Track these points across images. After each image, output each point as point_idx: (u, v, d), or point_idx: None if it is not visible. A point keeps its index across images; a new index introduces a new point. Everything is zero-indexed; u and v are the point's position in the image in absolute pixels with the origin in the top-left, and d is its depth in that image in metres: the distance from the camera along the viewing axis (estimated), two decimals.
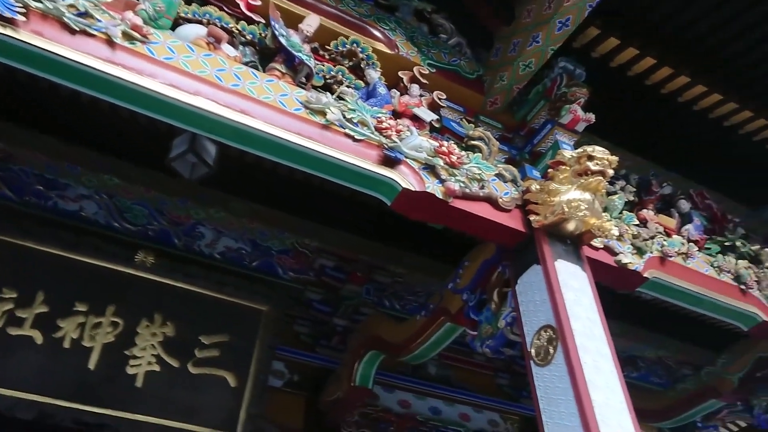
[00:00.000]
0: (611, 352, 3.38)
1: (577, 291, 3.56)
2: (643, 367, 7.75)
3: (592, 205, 3.67)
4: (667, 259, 4.40)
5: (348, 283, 6.24)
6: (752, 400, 5.50)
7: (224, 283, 5.49)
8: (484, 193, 3.77)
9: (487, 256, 4.23)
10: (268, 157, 3.50)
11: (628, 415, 3.15)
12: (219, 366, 5.29)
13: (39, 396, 4.60)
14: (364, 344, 5.40)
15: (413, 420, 6.32)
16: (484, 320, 4.14)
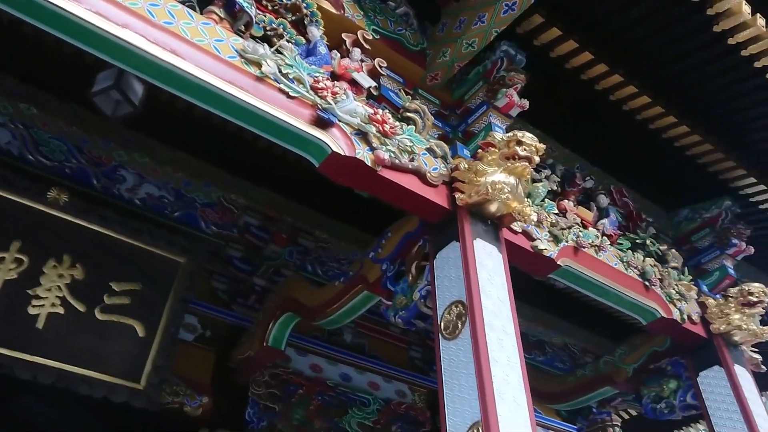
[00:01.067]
0: (515, 331, 3.49)
1: (491, 271, 3.65)
2: (549, 352, 8.09)
3: (516, 190, 3.76)
4: (581, 249, 4.57)
5: (271, 243, 6.18)
6: (642, 390, 5.84)
7: (141, 231, 5.28)
8: (413, 165, 3.79)
9: (410, 229, 4.27)
10: (198, 103, 3.38)
11: (524, 392, 3.27)
12: (128, 314, 5.12)
13: None
14: (280, 305, 5.37)
15: (323, 384, 6.37)
16: (400, 291, 4.20)
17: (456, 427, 3.17)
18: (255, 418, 5.79)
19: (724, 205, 5.52)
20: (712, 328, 5.23)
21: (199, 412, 5.43)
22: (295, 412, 6.04)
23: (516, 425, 3.10)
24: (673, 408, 5.54)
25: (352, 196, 5.80)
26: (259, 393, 5.92)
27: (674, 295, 5.13)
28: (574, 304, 7.18)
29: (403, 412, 6.76)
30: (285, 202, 6.40)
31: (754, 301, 5.11)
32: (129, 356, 5.05)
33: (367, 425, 6.44)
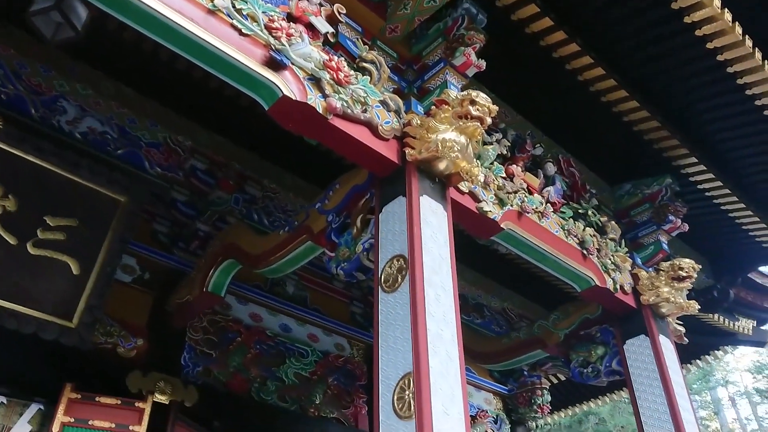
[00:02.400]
0: (454, 288, 3.54)
1: (434, 228, 3.67)
2: (488, 315, 8.30)
3: (465, 149, 3.77)
4: (525, 214, 4.65)
5: (217, 189, 6.07)
6: (571, 354, 6.07)
7: (80, 165, 5.07)
8: (365, 117, 3.75)
9: (358, 182, 4.24)
10: (145, 32, 3.22)
11: (456, 347, 3.34)
12: (62, 251, 4.95)
13: None
14: (222, 252, 5.30)
15: (262, 334, 6.37)
16: (344, 244, 4.19)
17: (388, 377, 3.22)
18: (191, 362, 5.76)
19: (665, 182, 5.69)
20: (642, 299, 5.45)
21: (132, 354, 5.37)
22: (232, 359, 6.04)
23: (446, 378, 3.17)
24: (599, 373, 5.79)
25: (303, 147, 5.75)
26: (197, 338, 5.89)
27: (609, 266, 5.30)
28: (514, 270, 7.38)
29: (340, 365, 6.85)
30: (234, 148, 6.28)
31: (684, 275, 5.33)
32: (61, 293, 4.90)
33: (304, 376, 6.51)
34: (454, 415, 3.09)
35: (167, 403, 5.20)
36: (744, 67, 4.44)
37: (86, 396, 4.84)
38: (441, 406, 3.04)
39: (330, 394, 6.64)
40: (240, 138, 6.18)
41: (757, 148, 5.39)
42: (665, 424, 4.99)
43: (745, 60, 4.38)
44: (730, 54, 4.35)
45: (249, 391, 6.05)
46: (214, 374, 5.88)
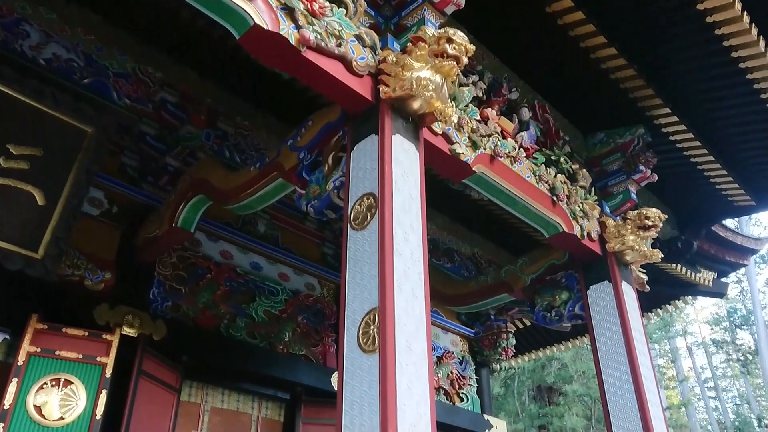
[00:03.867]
0: (422, 228, 3.56)
1: (405, 167, 3.66)
2: (458, 260, 8.42)
3: (440, 89, 3.72)
4: (497, 158, 4.65)
5: (188, 124, 5.96)
6: (536, 298, 6.21)
7: (44, 93, 4.90)
8: (340, 51, 3.66)
9: (331, 119, 4.18)
10: None
11: (423, 286, 3.38)
12: (27, 180, 4.83)
13: None
14: (191, 187, 5.22)
15: (232, 271, 6.38)
16: (314, 181, 4.16)
17: (354, 312, 3.26)
18: (159, 297, 5.76)
19: (638, 132, 5.73)
20: (608, 246, 5.56)
21: (100, 287, 5.34)
22: (202, 295, 6.05)
23: (411, 316, 3.22)
24: (562, 317, 5.95)
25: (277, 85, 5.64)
26: (165, 274, 5.87)
27: (578, 213, 5.37)
28: (485, 217, 7.46)
29: (310, 305, 6.93)
30: (206, 83, 6.13)
31: (649, 224, 5.44)
32: (26, 224, 4.81)
33: (274, 314, 6.57)
34: (417, 350, 3.16)
35: (135, 336, 5.22)
36: (723, 17, 4.42)
37: (53, 327, 4.83)
38: (405, 341, 3.10)
39: (299, 332, 6.73)
40: (212, 73, 6.02)
41: (730, 101, 5.43)
42: (622, 366, 5.17)
43: (724, 10, 4.36)
44: (710, 3, 4.32)
45: (218, 327, 6.09)
46: (183, 310, 5.89)
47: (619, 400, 5.07)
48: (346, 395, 3.10)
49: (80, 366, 4.83)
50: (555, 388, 21.07)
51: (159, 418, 5.31)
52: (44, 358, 4.72)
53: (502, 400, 20.98)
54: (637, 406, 4.93)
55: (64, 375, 4.74)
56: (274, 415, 6.39)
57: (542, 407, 20.91)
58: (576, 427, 19.76)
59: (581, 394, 20.33)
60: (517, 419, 20.35)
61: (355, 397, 3.05)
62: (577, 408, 20.42)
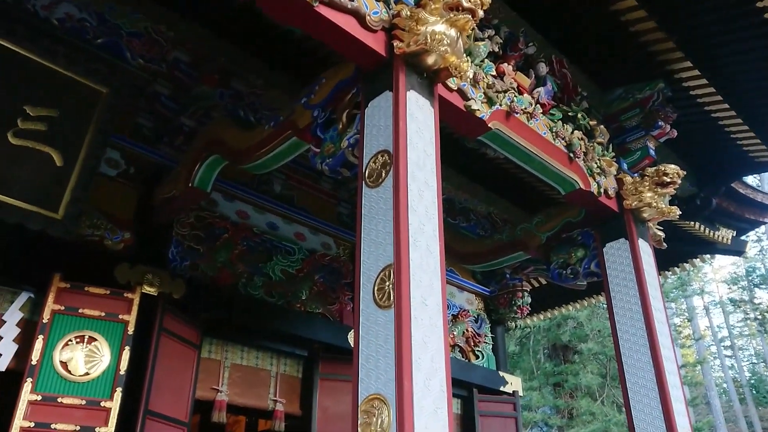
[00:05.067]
0: (437, 184, 3.56)
1: (420, 124, 3.63)
2: (473, 219, 8.41)
3: (455, 43, 3.66)
4: (513, 114, 4.60)
5: (201, 83, 5.92)
6: (552, 256, 6.21)
7: (57, 53, 4.90)
8: (353, 6, 3.61)
9: (344, 76, 4.15)
10: None
11: (437, 241, 3.40)
12: (44, 142, 4.87)
13: None
14: (207, 147, 5.24)
15: (249, 231, 6.44)
16: (329, 139, 4.15)
17: (369, 269, 3.29)
18: (178, 257, 5.84)
19: (658, 87, 5.61)
20: (625, 203, 5.52)
21: (120, 247, 5.42)
22: (219, 254, 6.12)
23: (426, 272, 3.25)
24: (577, 274, 5.96)
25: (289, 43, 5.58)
26: (183, 233, 5.93)
27: (595, 169, 5.32)
28: (501, 175, 7.42)
29: (326, 263, 6.98)
30: (219, 41, 6.06)
31: (668, 181, 5.38)
32: (46, 185, 4.87)
33: (291, 273, 6.64)
34: (432, 305, 3.19)
35: (156, 294, 5.32)
36: None
37: (75, 285, 4.94)
38: (420, 296, 3.14)
39: (316, 291, 6.81)
40: (225, 31, 5.94)
41: (753, 54, 5.28)
42: (637, 323, 5.19)
43: None
44: None
45: (236, 285, 6.18)
46: (201, 268, 5.98)
47: (634, 356, 5.10)
48: (362, 349, 3.16)
49: (103, 323, 4.95)
50: (570, 347, 21.23)
51: (181, 374, 5.45)
52: (68, 316, 4.84)
53: (517, 359, 21.21)
54: (652, 362, 4.96)
55: (87, 332, 4.86)
56: (293, 372, 6.52)
57: (557, 365, 21.13)
58: (591, 385, 19.98)
59: (596, 352, 20.48)
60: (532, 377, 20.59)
61: (371, 351, 3.10)
62: (592, 366, 20.60)
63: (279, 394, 6.27)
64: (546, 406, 20.42)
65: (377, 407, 2.93)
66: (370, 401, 2.97)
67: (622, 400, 7.75)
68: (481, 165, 7.16)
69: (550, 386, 20.85)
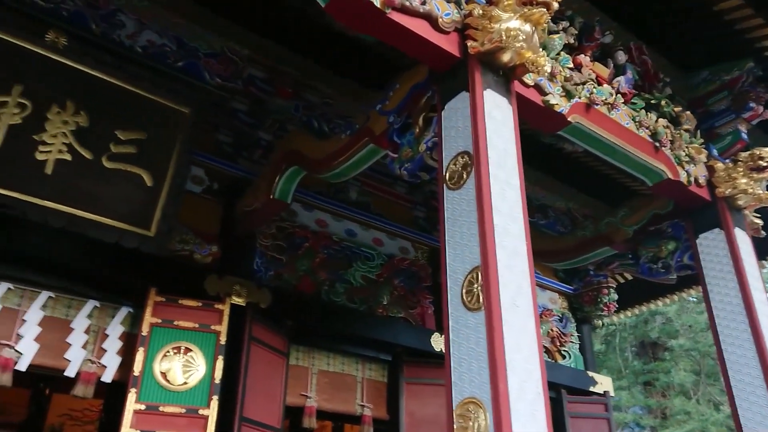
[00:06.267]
0: (520, 183, 3.49)
1: (498, 122, 3.58)
2: (552, 216, 8.22)
3: (531, 38, 3.59)
4: (593, 106, 4.45)
5: (276, 97, 6.08)
6: (640, 250, 5.97)
7: (142, 78, 5.16)
8: (425, 9, 3.60)
9: (418, 80, 4.14)
10: None
11: (524, 242, 3.33)
12: (135, 163, 5.14)
13: None
14: (285, 159, 5.36)
15: (328, 239, 6.55)
16: (406, 144, 4.16)
17: (456, 272, 3.26)
18: (262, 267, 6.00)
19: (747, 67, 5.30)
20: (718, 191, 5.23)
21: (208, 260, 5.62)
22: (301, 263, 6.26)
23: (514, 272, 3.19)
24: (669, 268, 5.70)
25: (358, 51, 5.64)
26: (266, 244, 6.10)
27: (683, 158, 5.07)
28: (578, 169, 7.21)
29: (405, 267, 7.00)
30: (289, 54, 6.21)
31: (764, 165, 5.06)
32: (138, 204, 5.13)
33: (371, 278, 6.70)
34: (523, 306, 3.13)
35: (244, 305, 5.49)
36: None
37: (170, 299, 5.18)
38: (509, 298, 3.08)
39: (396, 295, 6.83)
40: (296, 45, 6.09)
41: None
42: (738, 317, 4.90)
43: None
44: None
45: (319, 293, 6.29)
46: (285, 278, 6.12)
47: (737, 351, 4.83)
48: (453, 353, 3.13)
49: (197, 334, 5.15)
50: (659, 344, 20.32)
51: (271, 381, 5.59)
52: (165, 328, 5.07)
53: (603, 357, 20.49)
54: (758, 358, 4.67)
55: (183, 343, 5.08)
56: (378, 376, 6.56)
57: (646, 363, 20.27)
58: (684, 383, 19.03)
59: (688, 349, 19.50)
60: (620, 376, 19.82)
61: (462, 355, 3.07)
62: (685, 363, 19.63)
63: (366, 398, 6.32)
64: (636, 406, 19.63)
65: (473, 411, 2.89)
66: (465, 405, 2.94)
67: (719, 399, 7.38)
68: (558, 160, 6.98)
69: (640, 385, 20.02)
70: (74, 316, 5.00)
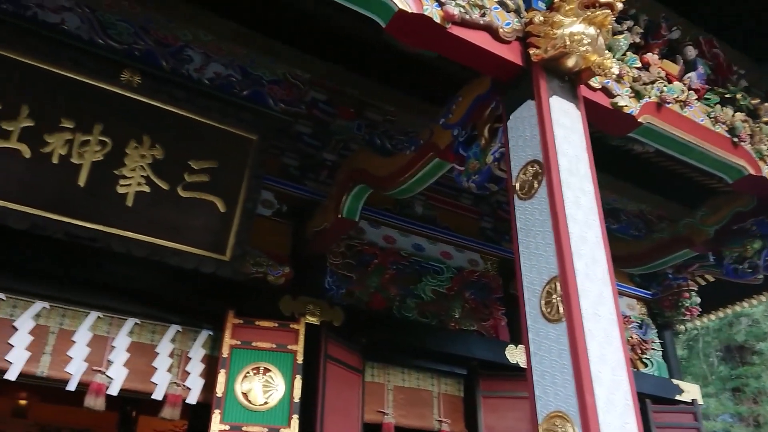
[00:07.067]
0: (594, 190, 3.42)
1: (567, 129, 3.52)
2: (624, 220, 7.96)
3: (596, 41, 3.52)
4: (664, 105, 4.31)
5: (338, 117, 6.17)
6: (724, 251, 5.70)
7: (211, 109, 5.37)
8: (485, 21, 3.59)
9: (481, 91, 4.13)
10: None
11: (602, 249, 3.25)
12: (208, 191, 5.34)
13: (30, 208, 4.65)
14: (350, 177, 5.43)
15: (397, 255, 6.57)
16: (472, 156, 4.14)
17: (532, 283, 3.21)
18: (334, 286, 6.09)
19: None
20: None
21: (282, 281, 5.75)
22: (371, 280, 6.30)
23: (593, 281, 3.11)
24: (757, 268, 5.41)
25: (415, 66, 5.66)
26: (336, 263, 6.19)
27: (765, 152, 4.82)
28: (649, 170, 6.95)
29: (475, 279, 6.94)
30: (348, 75, 6.29)
31: None
32: (214, 230, 5.32)
33: (441, 292, 6.68)
34: (605, 315, 3.04)
35: (318, 323, 5.58)
36: None
37: (247, 320, 5.32)
38: (590, 307, 3.00)
39: (468, 308, 6.78)
40: (355, 65, 6.17)
41: None
42: None
43: None
44: None
45: (390, 309, 6.32)
46: (356, 295, 6.18)
47: None
48: (535, 366, 3.07)
49: (275, 354, 5.26)
50: (747, 347, 19.24)
51: (348, 399, 5.64)
52: (244, 350, 5.21)
53: (686, 363, 19.57)
54: None
55: (262, 363, 5.20)
56: (454, 391, 6.51)
57: (734, 368, 19.23)
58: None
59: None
60: (706, 383, 18.87)
61: (545, 368, 3.01)
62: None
63: (443, 414, 6.28)
64: (726, 414, 18.63)
65: (560, 425, 2.82)
66: (551, 419, 2.88)
67: None
68: (628, 161, 6.76)
69: (729, 392, 19.00)
70: (158, 340, 5.21)
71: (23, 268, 4.84)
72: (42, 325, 4.85)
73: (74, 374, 4.77)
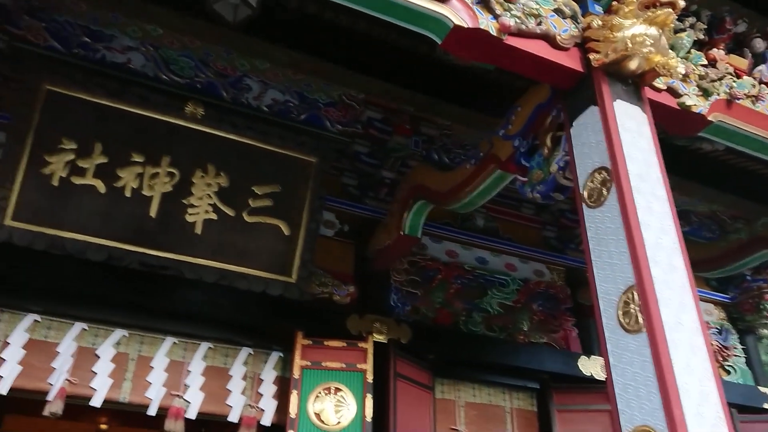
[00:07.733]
0: (666, 194, 3.31)
1: (634, 133, 3.42)
2: (695, 222, 7.65)
3: (658, 42, 3.43)
4: (735, 101, 4.14)
5: (395, 135, 6.18)
6: None
7: (271, 135, 5.51)
8: (541, 29, 3.55)
9: (541, 100, 4.07)
10: None
11: (680, 255, 3.13)
12: (273, 215, 5.46)
13: (107, 240, 4.89)
14: (410, 194, 5.44)
15: (460, 269, 6.51)
16: (535, 166, 4.08)
17: (608, 293, 3.11)
18: (399, 303, 6.09)
19: None
20: None
21: (347, 300, 5.79)
22: (436, 295, 6.27)
23: (672, 287, 2.99)
24: None
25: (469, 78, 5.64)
26: (400, 280, 6.19)
27: None
28: (719, 169, 6.68)
29: (542, 290, 6.79)
30: (403, 92, 6.30)
31: None
32: (279, 253, 5.43)
33: (508, 305, 6.57)
34: (688, 323, 2.92)
35: (386, 341, 5.58)
36: None
37: (316, 341, 5.37)
38: (672, 315, 2.89)
39: (536, 320, 6.64)
40: (409, 82, 6.20)
41: None
42: None
43: None
44: None
45: (457, 323, 6.26)
46: (422, 311, 6.16)
47: None
48: (616, 379, 2.97)
49: (345, 374, 5.29)
50: None
51: (419, 416, 5.60)
52: (314, 370, 5.26)
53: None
54: None
55: (333, 383, 5.23)
56: (527, 405, 6.37)
57: None
58: None
59: None
60: None
61: (627, 381, 2.90)
62: None
63: (517, 429, 6.15)
64: None
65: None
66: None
67: None
68: (696, 160, 6.53)
69: None
70: (231, 363, 5.33)
71: (102, 298, 5.05)
72: (122, 353, 5.04)
73: (154, 399, 4.92)
